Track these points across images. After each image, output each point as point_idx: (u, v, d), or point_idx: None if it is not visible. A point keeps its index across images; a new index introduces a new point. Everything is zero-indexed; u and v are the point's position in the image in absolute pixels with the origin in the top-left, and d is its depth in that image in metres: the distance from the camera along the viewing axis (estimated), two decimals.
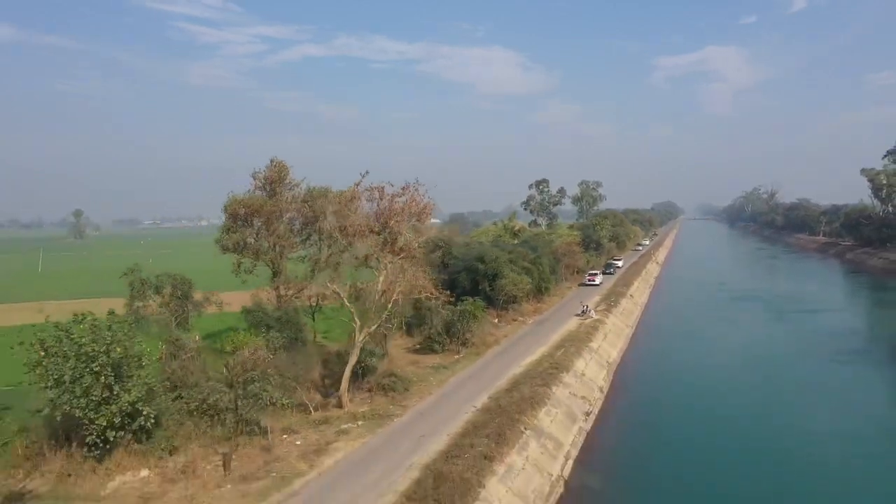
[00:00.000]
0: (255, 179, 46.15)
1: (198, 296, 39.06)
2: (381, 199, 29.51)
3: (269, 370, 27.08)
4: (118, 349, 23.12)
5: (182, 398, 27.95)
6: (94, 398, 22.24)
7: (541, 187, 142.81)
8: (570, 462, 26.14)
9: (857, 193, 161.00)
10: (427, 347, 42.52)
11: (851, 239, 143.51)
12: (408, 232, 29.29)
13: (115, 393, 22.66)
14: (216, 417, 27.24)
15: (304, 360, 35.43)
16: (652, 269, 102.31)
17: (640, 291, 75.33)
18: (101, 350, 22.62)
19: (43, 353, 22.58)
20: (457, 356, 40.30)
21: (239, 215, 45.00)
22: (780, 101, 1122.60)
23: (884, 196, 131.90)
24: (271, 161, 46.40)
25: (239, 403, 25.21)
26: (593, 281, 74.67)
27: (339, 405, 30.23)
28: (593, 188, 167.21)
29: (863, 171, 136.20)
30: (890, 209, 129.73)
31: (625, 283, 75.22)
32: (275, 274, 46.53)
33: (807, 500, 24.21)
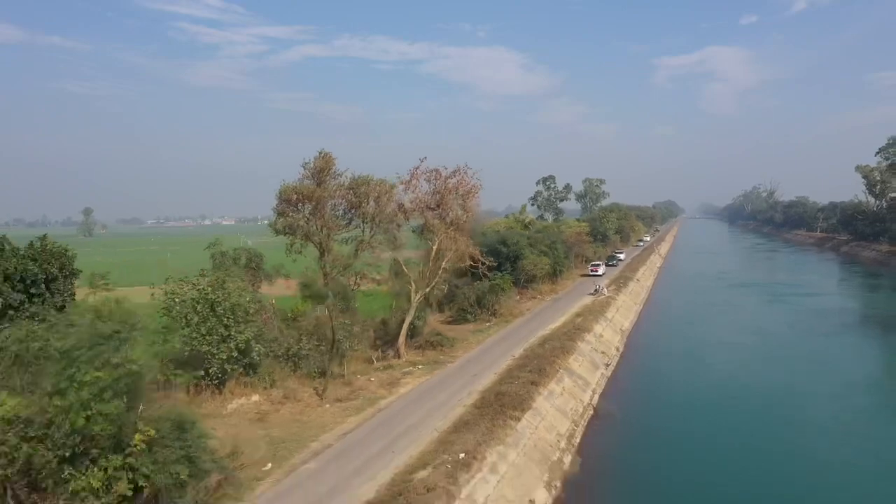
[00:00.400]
0: (304, 169, 51.60)
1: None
2: (437, 180, 34.95)
3: (343, 322, 32.59)
4: (233, 298, 28.55)
5: (265, 347, 33.42)
6: (216, 336, 27.67)
7: (547, 183, 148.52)
8: (597, 395, 31.60)
9: (855, 190, 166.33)
10: (460, 318, 47.93)
11: (847, 233, 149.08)
12: (458, 209, 34.59)
13: (231, 333, 28.08)
14: (298, 362, 32.76)
15: (359, 323, 40.92)
16: (655, 260, 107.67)
17: (645, 277, 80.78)
18: (222, 298, 28.07)
19: (176, 300, 28.02)
20: (488, 323, 45.73)
21: (291, 201, 50.56)
22: (782, 101, 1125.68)
23: (877, 192, 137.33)
24: (319, 153, 51.70)
25: (336, 345, 30.58)
26: (596, 272, 75.37)
27: (398, 356, 35.64)
28: (597, 185, 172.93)
29: (857, 167, 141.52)
30: (883, 204, 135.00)
31: (631, 270, 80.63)
32: (322, 254, 52.10)
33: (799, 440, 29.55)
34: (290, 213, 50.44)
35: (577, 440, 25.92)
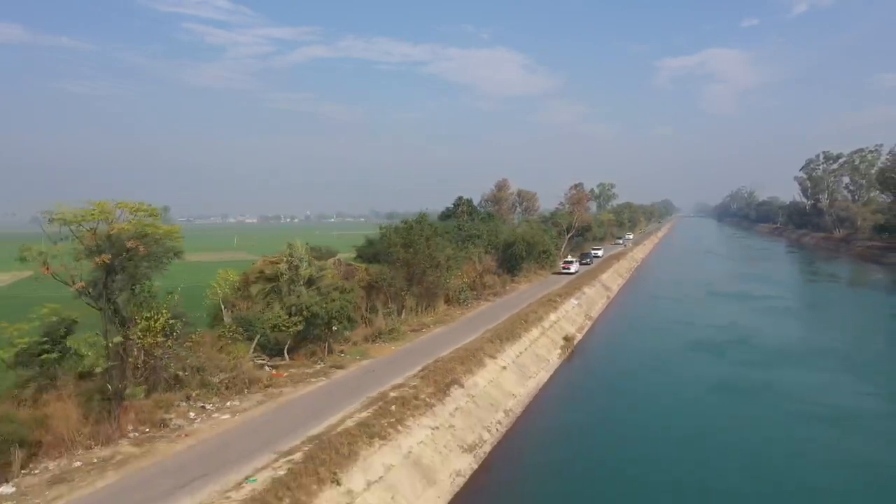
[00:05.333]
0: (495, 186, 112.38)
1: None
2: (579, 190, 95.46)
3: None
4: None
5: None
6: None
7: (577, 188, 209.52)
8: (636, 266, 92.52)
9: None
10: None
11: (792, 225, 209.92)
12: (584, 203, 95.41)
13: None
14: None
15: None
16: (653, 239, 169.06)
17: (651, 242, 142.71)
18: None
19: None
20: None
21: (490, 200, 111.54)
22: (781, 101, 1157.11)
23: (808, 195, 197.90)
24: (502, 179, 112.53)
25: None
26: (568, 269, 73.92)
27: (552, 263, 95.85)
28: (608, 188, 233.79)
29: (795, 177, 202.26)
30: (811, 203, 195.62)
31: (641, 240, 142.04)
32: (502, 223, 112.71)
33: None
34: (491, 207, 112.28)
35: (633, 271, 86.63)
